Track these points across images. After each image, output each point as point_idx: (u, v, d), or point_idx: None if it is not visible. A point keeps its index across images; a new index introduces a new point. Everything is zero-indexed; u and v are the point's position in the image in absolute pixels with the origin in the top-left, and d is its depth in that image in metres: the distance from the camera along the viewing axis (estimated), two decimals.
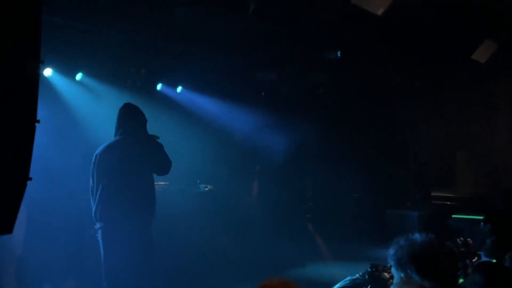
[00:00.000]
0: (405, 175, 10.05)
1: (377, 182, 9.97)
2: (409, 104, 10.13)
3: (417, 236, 2.58)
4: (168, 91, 9.00)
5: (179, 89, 9.10)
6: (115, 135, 4.76)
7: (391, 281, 5.29)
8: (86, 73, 7.67)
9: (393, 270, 2.58)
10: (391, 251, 2.58)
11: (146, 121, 4.89)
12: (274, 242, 8.36)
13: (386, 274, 5.23)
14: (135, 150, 4.64)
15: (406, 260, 2.49)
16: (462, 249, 5.15)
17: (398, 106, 10.28)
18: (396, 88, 9.93)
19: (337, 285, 5.33)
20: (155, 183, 5.22)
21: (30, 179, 2.52)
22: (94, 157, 4.68)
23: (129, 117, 4.78)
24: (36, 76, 2.54)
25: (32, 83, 2.51)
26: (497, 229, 3.60)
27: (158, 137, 4.91)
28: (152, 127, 7.99)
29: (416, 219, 8.85)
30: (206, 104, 9.29)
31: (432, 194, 10.35)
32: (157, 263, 6.39)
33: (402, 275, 2.50)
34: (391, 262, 2.58)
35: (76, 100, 7.50)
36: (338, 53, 8.74)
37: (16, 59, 2.42)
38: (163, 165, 4.82)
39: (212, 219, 7.64)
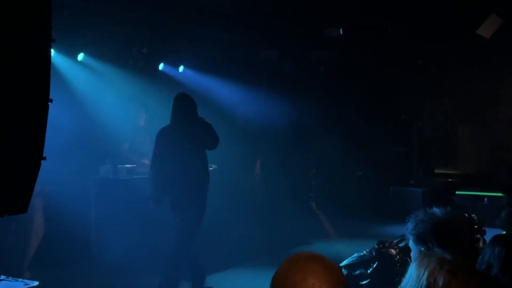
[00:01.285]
0: (408, 152, 10.06)
1: (381, 160, 9.99)
2: (412, 81, 10.11)
3: (435, 210, 2.58)
4: (170, 70, 8.96)
5: (181, 68, 9.05)
6: (171, 120, 5.60)
7: (398, 257, 5.33)
8: (88, 53, 7.62)
9: (411, 244, 2.58)
10: (409, 225, 2.58)
11: (195, 105, 5.64)
12: (279, 220, 8.40)
13: (392, 251, 5.27)
14: (188, 131, 5.47)
15: (427, 234, 2.50)
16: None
17: (401, 83, 10.25)
18: (399, 65, 9.89)
19: (345, 261, 5.36)
20: None
21: (44, 158, 2.51)
22: (156, 138, 5.62)
23: (182, 104, 5.61)
24: (48, 55, 2.51)
25: (44, 62, 2.48)
26: None
27: (204, 118, 5.67)
28: (154, 107, 8.01)
29: (419, 196, 8.89)
30: (208, 83, 9.25)
31: (436, 171, 10.38)
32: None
33: (423, 248, 2.50)
34: (409, 236, 2.58)
35: (78, 80, 7.46)
36: (341, 30, 8.67)
37: (28, 38, 2.39)
38: (212, 141, 5.62)
39: (217, 198, 7.65)
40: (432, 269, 1.95)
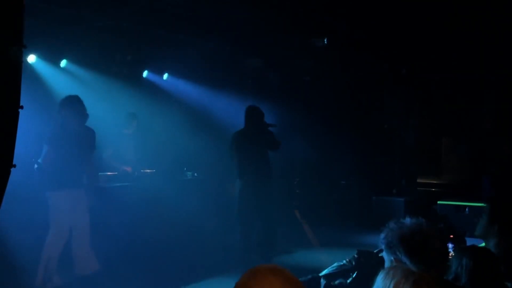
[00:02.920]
0: (391, 162, 10.11)
1: (364, 169, 10.02)
2: (395, 91, 10.17)
3: (407, 220, 2.59)
4: (154, 78, 8.95)
5: (165, 76, 9.04)
6: (245, 126, 7.15)
7: (377, 267, 5.35)
8: (71, 60, 7.59)
9: (384, 254, 2.59)
10: (382, 235, 2.59)
11: (263, 114, 7.15)
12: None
13: (371, 260, 5.27)
14: (256, 136, 7.06)
15: (395, 243, 2.50)
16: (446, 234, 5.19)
17: (385, 92, 10.31)
18: (383, 74, 9.95)
19: (325, 271, 5.36)
20: (142, 170, 7.14)
21: (14, 166, 2.48)
22: (231, 140, 7.17)
23: (252, 114, 7.12)
24: (19, 61, 2.49)
25: (15, 68, 2.46)
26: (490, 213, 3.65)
27: (269, 125, 7.17)
28: (138, 114, 7.99)
29: (402, 205, 8.91)
30: (193, 91, 9.25)
31: (418, 180, 10.43)
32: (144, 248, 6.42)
33: (392, 258, 2.51)
34: (381, 245, 2.59)
35: (61, 87, 7.41)
36: (325, 40, 8.72)
37: None
38: (274, 145, 7.19)
39: (199, 206, 7.64)
40: (398, 281, 1.95)
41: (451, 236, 4.63)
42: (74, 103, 5.84)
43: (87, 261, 5.98)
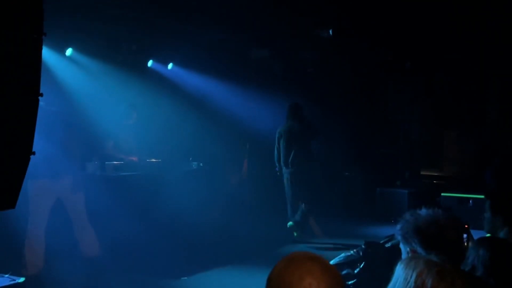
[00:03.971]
0: (395, 154, 10.11)
1: (368, 161, 10.03)
2: (399, 83, 10.15)
3: (423, 211, 2.60)
4: (159, 67, 8.93)
5: (170, 65, 9.02)
6: (290, 121, 8.16)
7: (384, 257, 5.36)
8: (76, 49, 7.56)
9: (401, 245, 2.60)
10: (398, 226, 2.60)
11: (302, 109, 8.21)
12: (265, 219, 8.40)
13: (379, 251, 5.29)
14: (302, 129, 8.09)
15: (411, 234, 2.51)
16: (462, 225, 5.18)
17: (389, 85, 10.30)
18: (387, 67, 9.93)
19: (332, 261, 5.37)
20: (148, 160, 7.11)
21: (33, 153, 2.49)
22: (278, 133, 8.23)
23: (297, 110, 8.17)
24: (39, 49, 2.49)
25: (35, 56, 2.46)
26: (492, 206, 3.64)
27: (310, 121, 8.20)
28: (142, 104, 7.98)
29: (405, 197, 8.92)
30: (197, 81, 9.23)
31: (422, 173, 10.44)
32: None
33: (408, 249, 2.52)
34: (398, 237, 2.60)
35: (66, 75, 7.39)
36: (330, 31, 8.70)
37: (19, 32, 2.37)
38: (316, 135, 8.30)
39: (204, 196, 7.64)
40: (420, 271, 1.95)
41: (466, 226, 4.63)
42: None
43: (92, 243, 6.03)
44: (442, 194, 8.65)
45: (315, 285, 1.54)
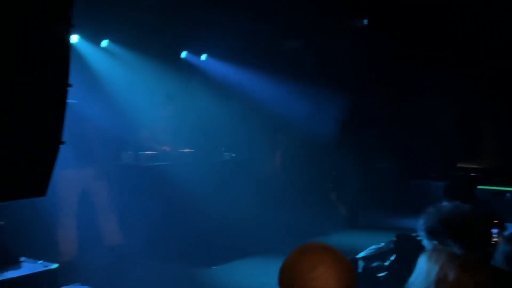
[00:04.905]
0: (430, 145, 9.94)
1: (402, 152, 9.89)
2: (435, 73, 9.95)
3: (445, 204, 2.56)
4: (193, 58, 8.99)
5: (203, 56, 9.07)
6: None
7: (417, 250, 5.30)
8: (112, 40, 7.68)
9: (424, 240, 2.57)
10: (420, 221, 2.57)
11: None
12: (298, 210, 8.39)
13: (412, 244, 5.24)
14: None
15: (435, 227, 2.48)
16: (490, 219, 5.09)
17: (424, 74, 10.10)
18: (423, 56, 9.75)
19: (362, 253, 5.35)
20: (181, 150, 7.30)
21: (63, 142, 2.55)
22: None
23: None
24: (68, 40, 2.54)
25: (64, 47, 2.51)
26: None
27: None
28: (177, 95, 8.05)
29: (441, 189, 8.78)
30: (231, 72, 9.26)
31: (458, 165, 10.24)
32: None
33: (434, 242, 2.49)
34: (421, 232, 2.57)
35: (102, 66, 7.53)
36: (365, 21, 8.59)
37: (48, 23, 2.42)
38: None
39: (237, 186, 7.69)
40: (443, 264, 1.94)
41: (495, 221, 4.54)
42: None
43: (115, 232, 6.16)
44: (478, 187, 8.47)
45: (326, 275, 1.54)
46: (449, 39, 9.18)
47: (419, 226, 2.57)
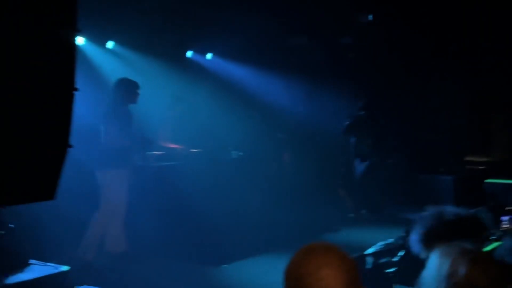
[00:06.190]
0: (438, 140, 9.89)
1: (410, 147, 9.85)
2: (443, 67, 9.89)
3: (430, 209, 2.62)
4: (198, 58, 9.00)
5: (209, 56, 9.08)
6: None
7: None
8: (117, 41, 7.71)
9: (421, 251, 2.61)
10: (415, 231, 2.62)
11: None
12: (306, 207, 8.39)
13: None
14: None
15: (438, 231, 2.51)
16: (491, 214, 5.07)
17: (432, 68, 10.04)
18: (430, 51, 9.69)
19: (370, 249, 5.33)
20: (191, 150, 7.41)
21: (71, 146, 2.56)
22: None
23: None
24: (73, 44, 2.55)
25: (70, 51, 2.52)
26: None
27: None
28: (182, 95, 8.07)
29: (450, 183, 8.72)
30: (236, 71, 9.27)
31: (467, 158, 10.18)
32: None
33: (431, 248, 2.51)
34: (416, 247, 2.62)
35: (108, 68, 7.56)
36: (370, 16, 8.56)
37: (53, 27, 2.44)
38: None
39: (245, 185, 7.70)
40: (454, 259, 1.94)
41: (507, 208, 4.53)
42: (127, 84, 6.15)
43: (119, 240, 6.17)
44: (487, 180, 8.42)
45: (332, 276, 1.54)
46: (457, 31, 9.12)
47: (413, 241, 2.61)
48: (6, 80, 2.26)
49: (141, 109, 6.84)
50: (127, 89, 6.16)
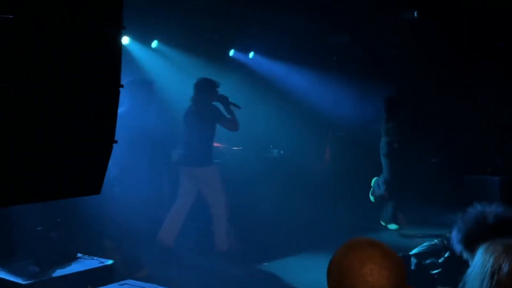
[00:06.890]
0: (485, 139, 9.63)
1: (456, 146, 9.63)
2: (490, 65, 9.62)
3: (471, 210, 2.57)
4: (241, 56, 9.03)
5: (251, 54, 9.10)
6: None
7: None
8: (161, 41, 7.81)
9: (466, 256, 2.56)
10: (458, 233, 2.57)
11: None
12: (347, 206, 8.32)
13: None
14: None
15: (482, 233, 2.46)
16: None
17: (479, 66, 9.79)
18: (476, 48, 9.45)
19: (415, 250, 5.26)
20: (232, 148, 7.49)
21: (116, 141, 2.61)
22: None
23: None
24: (119, 41, 2.60)
25: (115, 49, 2.57)
26: None
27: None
28: (225, 93, 8.11)
29: (497, 184, 8.48)
30: (278, 69, 9.26)
31: None
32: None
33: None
34: (458, 247, 2.57)
35: (152, 66, 7.67)
36: (415, 13, 8.41)
37: (99, 25, 2.49)
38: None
39: (285, 183, 7.69)
40: (498, 255, 1.91)
41: None
42: (207, 85, 6.44)
43: (223, 239, 6.31)
44: None
45: (376, 271, 1.51)
46: (506, 27, 8.86)
47: (456, 239, 2.55)
48: (57, 77, 2.32)
49: (184, 107, 6.93)
50: (207, 87, 6.41)
